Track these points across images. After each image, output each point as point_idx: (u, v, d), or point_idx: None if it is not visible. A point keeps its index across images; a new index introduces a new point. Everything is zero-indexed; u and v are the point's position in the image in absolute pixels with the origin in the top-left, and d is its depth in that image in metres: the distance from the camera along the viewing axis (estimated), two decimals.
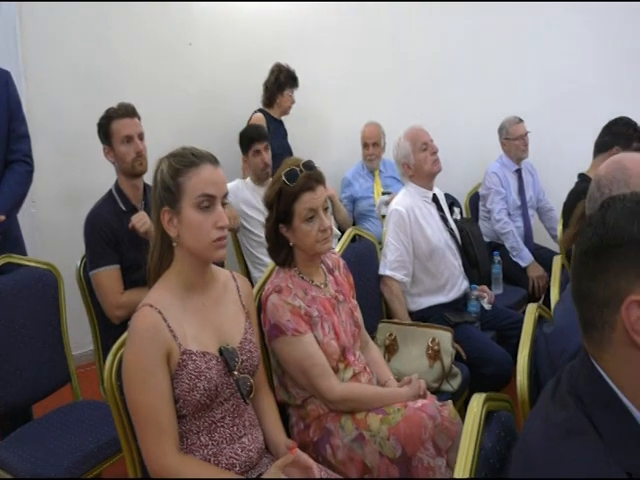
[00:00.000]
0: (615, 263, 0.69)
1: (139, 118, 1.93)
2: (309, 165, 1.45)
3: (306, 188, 1.41)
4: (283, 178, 1.41)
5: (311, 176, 1.42)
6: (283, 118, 3.31)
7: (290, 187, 1.40)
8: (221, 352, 1.18)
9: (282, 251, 1.48)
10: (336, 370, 1.42)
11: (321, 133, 3.90)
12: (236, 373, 1.19)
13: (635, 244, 0.68)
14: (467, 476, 0.79)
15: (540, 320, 1.31)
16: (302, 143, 3.52)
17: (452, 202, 2.91)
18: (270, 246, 1.50)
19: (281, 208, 1.42)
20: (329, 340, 1.42)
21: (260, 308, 1.46)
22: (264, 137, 2.57)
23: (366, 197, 3.16)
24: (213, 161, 1.17)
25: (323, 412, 1.40)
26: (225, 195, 1.18)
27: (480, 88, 3.68)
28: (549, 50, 3.48)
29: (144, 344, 1.11)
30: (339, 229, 2.84)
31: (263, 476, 1.12)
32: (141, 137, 1.91)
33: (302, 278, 1.49)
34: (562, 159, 3.21)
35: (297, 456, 1.13)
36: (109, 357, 1.20)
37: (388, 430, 1.31)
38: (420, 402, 1.36)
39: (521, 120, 3.23)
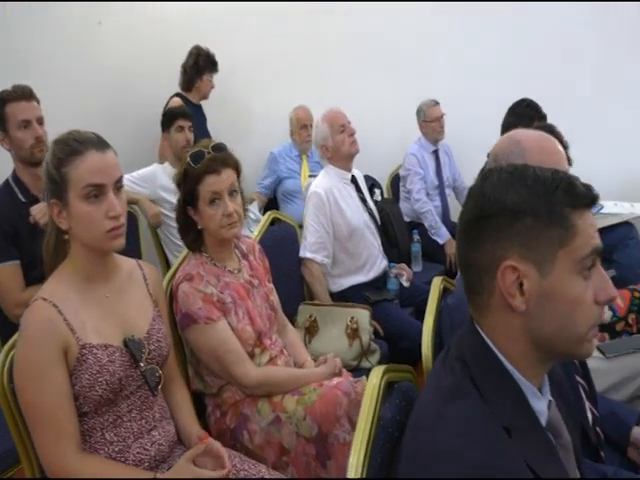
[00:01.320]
0: (491, 231, 0.72)
1: (38, 101, 1.79)
2: (218, 147, 1.42)
3: (210, 170, 1.37)
4: (188, 159, 1.38)
5: (217, 159, 1.39)
6: (202, 103, 3.21)
7: (194, 169, 1.37)
8: (126, 343, 1.14)
9: (190, 233, 1.45)
10: (252, 355, 1.41)
11: (242, 118, 3.81)
12: (143, 364, 1.14)
13: (510, 213, 0.71)
14: (364, 447, 0.81)
15: (445, 292, 1.36)
16: (222, 129, 3.43)
17: (373, 184, 2.96)
18: (179, 228, 1.47)
19: (187, 189, 1.40)
20: (244, 326, 1.41)
21: (172, 297, 1.41)
22: (188, 116, 2.48)
23: (291, 177, 3.14)
24: (99, 146, 1.09)
25: (239, 398, 1.38)
26: (118, 180, 1.11)
27: (399, 72, 3.75)
28: (459, 35, 3.60)
29: (37, 340, 1.04)
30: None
31: (172, 469, 1.09)
32: (40, 122, 1.77)
33: (214, 264, 1.45)
34: (474, 140, 3.35)
35: (209, 445, 1.11)
36: None
37: (304, 410, 1.32)
38: (335, 380, 1.38)
39: (437, 103, 3.33)
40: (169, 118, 2.48)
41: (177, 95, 3.06)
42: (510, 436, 0.68)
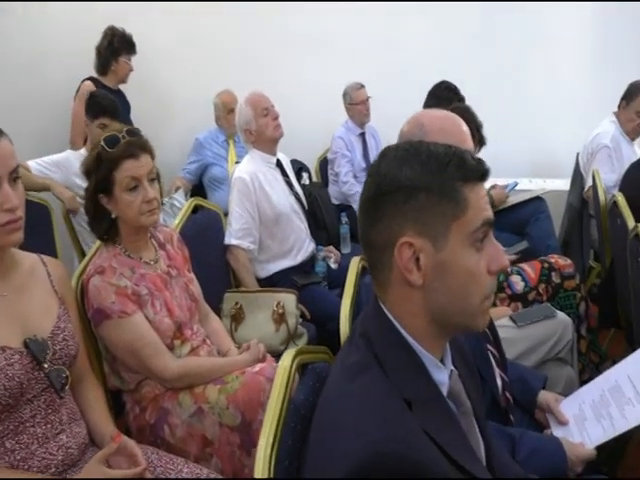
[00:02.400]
0: (388, 209, 0.73)
1: None
2: (133, 132, 1.36)
3: (128, 155, 1.31)
4: (102, 143, 1.30)
5: (134, 143, 1.33)
6: (124, 89, 3.04)
7: (110, 153, 1.30)
8: (26, 345, 1.06)
9: (102, 223, 1.37)
10: (171, 347, 1.36)
11: (166, 104, 3.66)
12: (47, 366, 1.08)
13: (404, 189, 0.72)
14: (273, 430, 0.80)
15: (365, 271, 1.37)
16: (146, 114, 3.28)
17: (300, 167, 2.95)
18: (90, 218, 1.39)
19: (100, 176, 1.31)
20: (161, 318, 1.36)
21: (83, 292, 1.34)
22: (115, 113, 2.31)
23: (218, 164, 3.06)
24: None
25: (159, 392, 1.34)
26: (13, 170, 1.03)
27: (326, 55, 3.73)
28: (386, 20, 3.63)
29: None
30: None
31: (82, 471, 1.04)
32: None
33: (128, 256, 1.39)
34: (400, 123, 3.40)
35: (122, 444, 1.06)
36: None
37: (227, 399, 1.30)
38: (258, 366, 1.36)
39: (362, 86, 3.35)
40: (95, 110, 2.30)
41: (90, 79, 2.88)
42: (411, 408, 0.70)
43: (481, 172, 0.74)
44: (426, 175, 0.72)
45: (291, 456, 0.80)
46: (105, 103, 2.34)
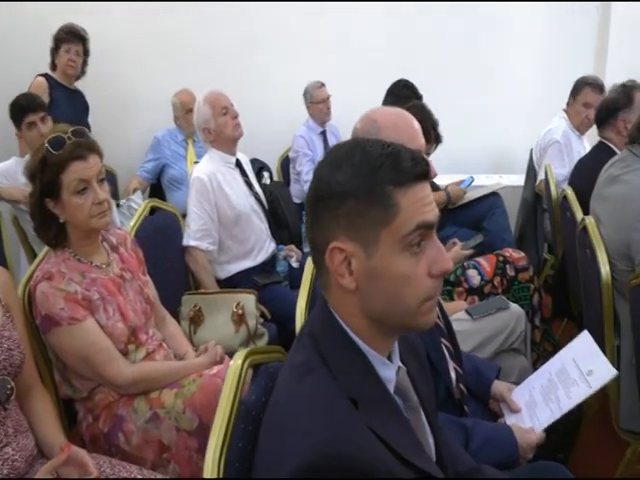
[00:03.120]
0: (323, 213, 0.72)
1: None
2: (79, 132, 1.31)
3: (75, 156, 1.26)
4: (47, 145, 1.25)
5: (82, 144, 1.28)
6: (83, 89, 2.95)
7: (55, 156, 1.25)
8: None
9: (51, 229, 1.32)
10: (126, 353, 1.33)
11: (125, 103, 3.58)
12: None
13: (335, 195, 0.71)
14: (222, 432, 0.79)
15: None
16: (103, 114, 3.20)
17: (261, 167, 2.93)
18: (36, 225, 1.33)
19: (46, 179, 1.26)
20: (114, 323, 1.32)
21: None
22: (39, 107, 2.24)
23: (176, 163, 3.00)
24: None
25: (113, 399, 1.30)
26: None
27: (287, 53, 3.72)
28: (347, 19, 3.65)
29: None
30: None
31: None
32: None
33: (79, 260, 1.34)
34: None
35: (72, 454, 1.03)
36: None
37: (183, 403, 1.28)
38: (216, 368, 1.35)
39: (323, 84, 3.36)
40: (17, 114, 2.22)
41: (42, 75, 2.78)
42: (357, 407, 0.70)
43: (417, 173, 0.71)
44: (356, 180, 0.70)
45: (241, 458, 0.79)
46: (23, 102, 2.26)
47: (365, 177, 0.70)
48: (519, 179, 3.07)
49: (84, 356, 1.27)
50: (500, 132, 3.54)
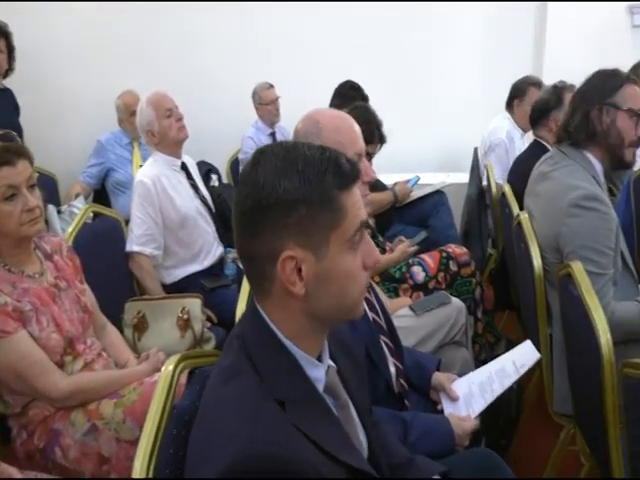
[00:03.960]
0: (269, 223, 0.71)
1: None
2: (7, 136, 1.27)
3: (3, 162, 1.22)
4: None
5: (10, 148, 1.24)
6: (23, 92, 2.82)
7: None
8: None
9: None
10: (62, 364, 1.29)
11: (68, 105, 3.47)
12: None
13: (284, 203, 0.70)
14: (152, 438, 0.78)
15: None
16: (45, 118, 3.10)
17: (209, 169, 2.90)
18: None
19: None
20: (48, 334, 1.28)
21: None
22: None
23: (121, 167, 2.92)
24: None
25: (49, 413, 1.26)
26: None
27: (236, 55, 3.69)
28: (296, 19, 3.66)
29: None
30: None
31: None
32: None
33: (9, 270, 1.29)
34: None
35: (1, 472, 0.99)
36: None
37: (123, 412, 1.25)
38: (157, 375, 1.32)
39: (271, 86, 3.36)
40: None
41: None
42: (284, 408, 0.71)
43: (355, 175, 0.74)
44: (304, 187, 0.70)
45: (172, 465, 0.78)
46: None
47: (313, 183, 0.70)
48: (465, 177, 3.16)
49: (16, 370, 1.22)
50: (446, 132, 3.64)
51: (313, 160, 0.72)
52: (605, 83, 1.52)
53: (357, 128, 1.24)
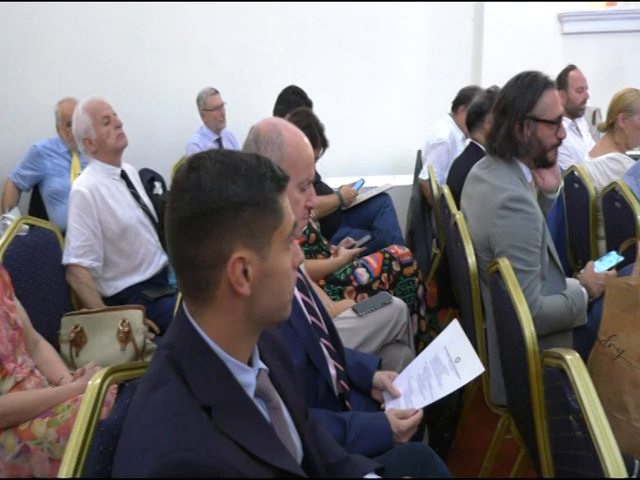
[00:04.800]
0: (215, 226, 0.71)
1: None
2: None
3: None
4: None
5: None
6: None
7: None
8: None
9: None
10: None
11: (2, 112, 3.33)
12: None
13: (232, 206, 0.72)
14: (76, 455, 0.76)
15: None
16: None
17: (153, 177, 2.84)
18: None
19: None
20: None
21: None
22: None
23: (59, 176, 2.82)
24: None
25: None
26: None
27: (178, 60, 3.65)
28: (239, 25, 3.65)
29: None
30: None
31: None
32: None
33: None
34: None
35: None
36: None
37: (57, 432, 1.21)
38: None
39: (216, 91, 3.34)
40: None
41: None
42: (210, 414, 0.71)
43: (287, 179, 0.79)
44: (250, 189, 0.73)
45: None
46: None
47: (257, 186, 0.74)
48: (411, 179, 3.25)
49: None
50: (392, 135, 3.72)
51: (253, 165, 0.75)
52: (524, 96, 1.55)
53: (312, 154, 1.25)
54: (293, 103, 2.68)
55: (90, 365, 1.38)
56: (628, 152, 2.57)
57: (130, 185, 2.16)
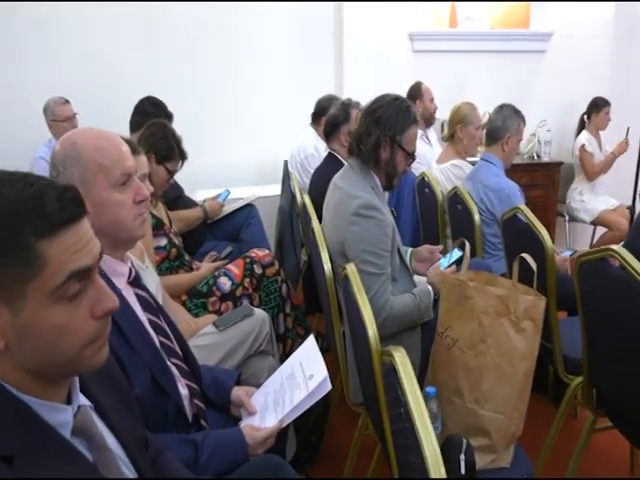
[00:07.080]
0: None
1: None
2: None
3: None
4: None
5: None
6: None
7: None
8: None
9: None
10: None
11: None
12: None
13: None
14: None
15: None
16: None
17: None
18: None
19: None
20: None
21: None
22: None
23: None
24: None
25: None
26: None
27: (23, 66, 3.32)
28: (91, 31, 3.42)
29: None
30: None
31: None
32: None
33: None
34: None
35: None
36: None
37: None
38: None
39: (67, 101, 3.10)
40: None
41: None
42: (11, 465, 0.64)
43: (63, 220, 0.65)
44: None
45: None
46: None
47: (6, 230, 0.62)
48: (279, 189, 3.29)
49: None
50: (259, 146, 3.75)
51: (7, 200, 0.64)
52: (399, 118, 1.69)
53: (124, 147, 1.19)
54: (151, 114, 2.57)
55: None
56: (469, 159, 2.88)
57: None
